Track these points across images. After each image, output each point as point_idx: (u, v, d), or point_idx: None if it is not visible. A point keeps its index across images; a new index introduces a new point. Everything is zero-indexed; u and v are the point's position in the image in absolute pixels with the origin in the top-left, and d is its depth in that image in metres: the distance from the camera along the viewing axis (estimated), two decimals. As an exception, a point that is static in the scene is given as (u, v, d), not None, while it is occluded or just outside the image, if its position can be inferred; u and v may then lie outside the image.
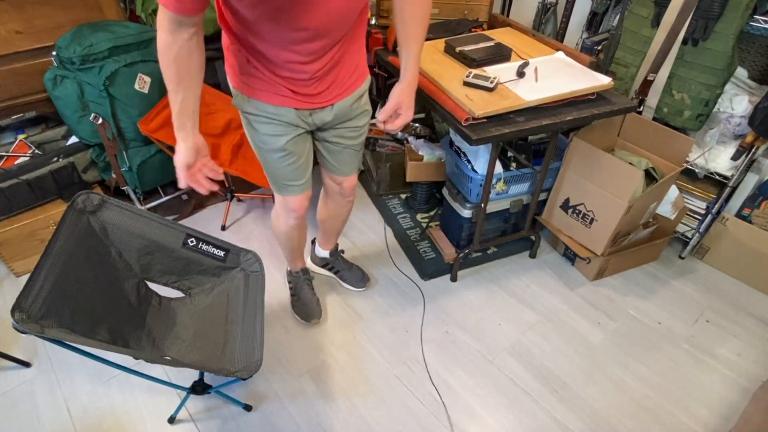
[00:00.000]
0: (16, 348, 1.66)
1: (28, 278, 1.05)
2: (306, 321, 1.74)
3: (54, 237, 1.16)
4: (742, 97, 1.71)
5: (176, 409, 1.48)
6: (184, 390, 1.42)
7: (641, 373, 1.61)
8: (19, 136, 1.88)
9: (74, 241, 1.21)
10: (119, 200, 1.32)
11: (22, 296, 1.02)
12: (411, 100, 1.26)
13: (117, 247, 1.35)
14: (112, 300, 1.31)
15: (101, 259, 1.30)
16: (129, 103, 1.78)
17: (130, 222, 1.34)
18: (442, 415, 1.48)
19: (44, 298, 1.05)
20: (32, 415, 1.47)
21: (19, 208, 1.82)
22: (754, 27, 1.58)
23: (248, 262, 1.45)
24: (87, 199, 1.27)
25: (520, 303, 1.83)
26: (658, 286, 1.92)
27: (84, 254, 1.23)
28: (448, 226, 2.04)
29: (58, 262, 1.13)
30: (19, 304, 1.00)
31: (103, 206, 1.30)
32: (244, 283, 1.43)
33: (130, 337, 1.32)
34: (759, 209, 1.80)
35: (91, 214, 1.29)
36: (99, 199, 1.29)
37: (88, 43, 1.64)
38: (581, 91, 1.48)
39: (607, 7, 2.05)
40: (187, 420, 1.47)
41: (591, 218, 1.80)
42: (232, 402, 1.50)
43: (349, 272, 1.87)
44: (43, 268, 1.09)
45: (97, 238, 1.30)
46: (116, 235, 1.33)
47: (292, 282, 1.79)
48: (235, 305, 1.42)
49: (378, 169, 2.22)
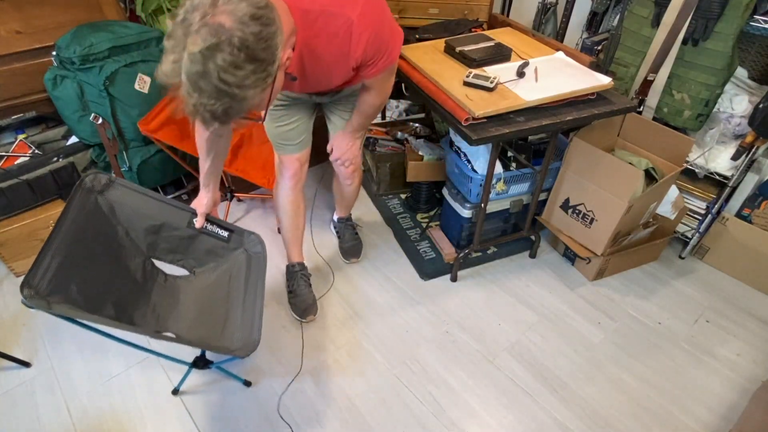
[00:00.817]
0: (16, 348, 1.66)
1: (37, 256, 1.07)
2: (301, 318, 1.74)
3: (62, 215, 1.18)
4: (742, 97, 1.71)
5: (179, 382, 1.54)
6: (186, 365, 1.47)
7: (641, 373, 1.61)
8: (19, 136, 1.88)
9: (82, 219, 1.24)
10: (126, 180, 1.36)
11: (30, 273, 1.04)
12: (343, 145, 1.54)
13: (124, 226, 1.38)
14: (119, 277, 1.35)
15: (108, 237, 1.35)
16: (129, 103, 1.78)
17: (137, 201, 1.37)
18: (442, 415, 1.48)
19: (52, 276, 1.08)
20: (32, 415, 1.47)
21: (19, 208, 1.82)
22: (754, 27, 1.58)
23: (251, 243, 1.47)
24: (95, 178, 1.30)
25: (520, 303, 1.83)
26: (658, 286, 1.92)
27: (92, 232, 1.27)
28: (448, 226, 2.04)
29: (66, 240, 1.16)
30: (28, 281, 1.02)
31: (110, 186, 1.33)
32: (246, 264, 1.46)
33: (136, 313, 1.36)
34: (759, 209, 1.80)
35: (99, 193, 1.32)
36: (107, 178, 1.32)
37: (88, 43, 1.63)
38: (581, 91, 1.48)
39: (607, 7, 2.05)
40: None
41: (591, 218, 1.80)
42: (232, 377, 1.56)
43: (348, 243, 1.98)
44: (51, 246, 1.12)
45: (104, 217, 1.33)
46: (123, 214, 1.37)
47: (289, 277, 1.80)
48: (236, 285, 1.44)
49: (378, 169, 2.22)
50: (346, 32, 1.05)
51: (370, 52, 1.10)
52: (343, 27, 1.04)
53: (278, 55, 0.87)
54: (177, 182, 2.17)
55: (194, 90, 0.80)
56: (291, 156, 1.52)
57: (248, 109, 0.90)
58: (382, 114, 2.56)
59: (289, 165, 1.54)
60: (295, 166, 1.54)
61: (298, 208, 1.65)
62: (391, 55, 1.17)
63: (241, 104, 0.85)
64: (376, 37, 1.08)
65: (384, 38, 1.12)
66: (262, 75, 0.84)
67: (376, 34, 1.08)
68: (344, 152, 1.56)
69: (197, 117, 0.84)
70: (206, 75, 0.78)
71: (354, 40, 1.06)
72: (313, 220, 2.18)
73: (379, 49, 1.12)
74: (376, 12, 1.08)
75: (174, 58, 0.79)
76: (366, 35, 1.06)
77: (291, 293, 1.78)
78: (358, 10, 1.03)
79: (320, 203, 2.27)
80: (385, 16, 1.13)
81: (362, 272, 1.95)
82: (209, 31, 0.77)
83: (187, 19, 0.78)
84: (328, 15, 1.02)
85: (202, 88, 0.80)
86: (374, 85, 1.30)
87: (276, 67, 0.87)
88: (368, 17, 1.05)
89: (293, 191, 1.59)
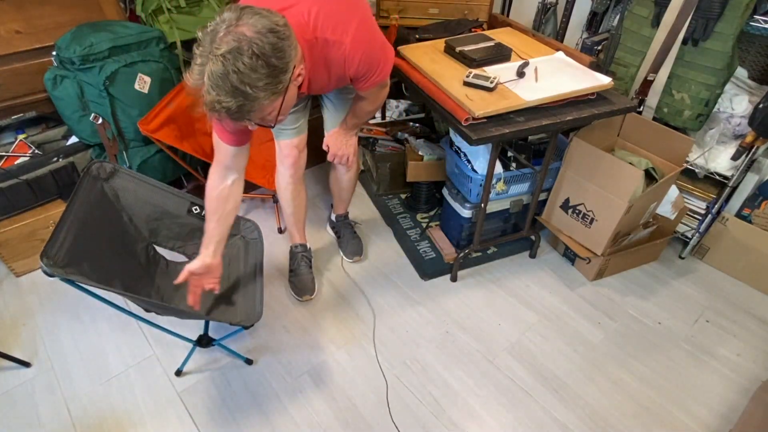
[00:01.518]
0: (16, 348, 1.66)
1: (53, 231, 1.16)
2: (298, 297, 1.81)
3: (71, 200, 1.26)
4: (742, 97, 1.71)
5: (183, 363, 1.58)
6: (190, 342, 1.51)
7: (641, 373, 1.61)
8: (19, 136, 1.88)
9: (89, 204, 1.32)
10: (130, 169, 1.43)
11: (48, 245, 1.11)
12: (339, 143, 1.57)
13: (128, 213, 1.47)
14: (124, 260, 1.44)
15: (114, 222, 1.43)
16: (129, 103, 1.78)
17: (139, 189, 1.46)
18: (442, 415, 1.48)
19: (67, 249, 1.15)
20: (32, 415, 1.47)
21: (19, 208, 1.82)
22: (754, 27, 1.58)
23: (248, 230, 1.57)
24: (100, 167, 1.38)
25: (520, 303, 1.83)
26: (658, 286, 1.92)
27: (98, 217, 1.35)
28: (448, 226, 2.04)
29: (76, 222, 1.23)
30: (46, 252, 1.10)
31: (115, 174, 1.41)
32: (244, 250, 1.55)
33: (141, 293, 1.44)
34: (759, 209, 1.81)
35: (105, 180, 1.40)
36: (111, 167, 1.41)
37: (88, 43, 1.63)
38: (581, 91, 1.48)
39: (607, 7, 2.05)
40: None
41: (591, 218, 1.80)
42: (234, 355, 1.60)
43: (348, 241, 1.99)
44: (66, 223, 1.20)
45: (110, 204, 1.42)
46: (127, 201, 1.45)
47: (291, 257, 1.86)
48: (235, 269, 1.53)
49: (378, 169, 2.22)
50: (341, 56, 1.18)
51: (362, 70, 1.22)
52: (339, 51, 1.17)
53: (291, 67, 0.99)
54: (177, 182, 2.17)
55: (213, 88, 0.91)
56: (289, 141, 1.55)
57: (261, 113, 1.01)
58: (382, 114, 2.56)
59: (288, 152, 1.56)
60: (293, 154, 1.57)
61: (299, 195, 1.70)
62: (382, 72, 1.27)
63: (253, 104, 0.96)
64: (367, 57, 1.20)
65: (375, 58, 1.23)
66: (275, 81, 0.96)
67: (367, 55, 1.20)
68: (340, 148, 1.59)
69: (214, 113, 0.95)
70: (225, 75, 0.90)
71: (348, 62, 1.19)
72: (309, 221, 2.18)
73: (371, 68, 1.23)
74: (367, 35, 1.20)
75: (201, 61, 0.92)
76: (358, 57, 1.18)
77: (292, 272, 1.85)
78: (350, 36, 1.15)
79: (322, 203, 2.28)
80: (375, 37, 1.24)
81: (362, 272, 1.95)
82: (232, 39, 0.90)
83: (215, 29, 0.91)
84: (324, 42, 1.15)
85: (221, 87, 0.91)
86: (368, 96, 1.40)
87: (288, 77, 0.99)
88: (360, 41, 1.17)
89: (293, 179, 1.63)
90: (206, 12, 1.97)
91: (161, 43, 1.80)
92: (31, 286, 1.87)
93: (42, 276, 1.90)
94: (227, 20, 0.92)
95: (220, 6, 1.99)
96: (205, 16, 1.97)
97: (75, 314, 1.75)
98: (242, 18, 0.92)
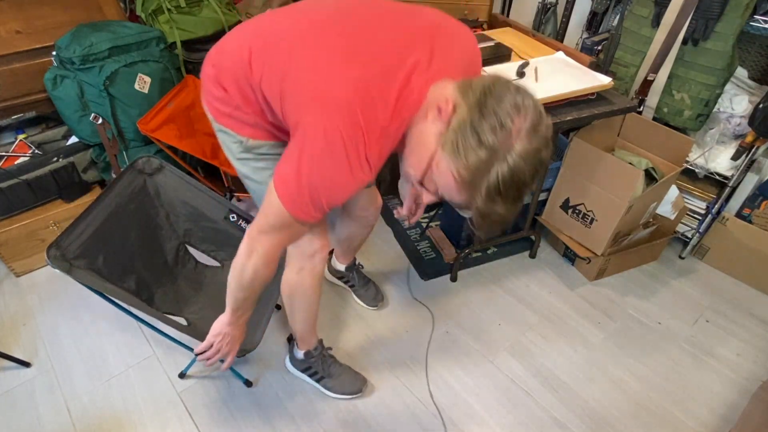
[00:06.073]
0: (16, 348, 1.66)
1: (74, 220, 1.18)
2: (355, 394, 1.51)
3: (107, 189, 1.28)
4: (742, 97, 1.71)
5: (186, 367, 1.57)
6: (190, 350, 1.47)
7: (641, 373, 1.61)
8: (19, 136, 1.88)
9: (126, 196, 1.35)
10: (175, 168, 1.44)
11: (63, 235, 1.11)
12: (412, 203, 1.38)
13: (166, 210, 1.49)
14: (150, 256, 1.45)
15: (149, 217, 1.45)
16: (129, 103, 1.78)
17: (181, 189, 1.47)
18: (442, 415, 1.48)
19: (83, 241, 1.16)
20: (32, 415, 1.47)
21: (19, 208, 1.82)
22: (754, 27, 1.58)
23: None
24: (147, 162, 1.41)
25: (520, 303, 1.83)
26: (658, 286, 1.92)
27: (132, 210, 1.38)
28: (448, 226, 2.04)
29: (103, 213, 1.26)
30: (58, 242, 1.09)
31: (160, 171, 1.43)
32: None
33: (157, 292, 1.45)
34: (759, 209, 1.80)
35: (149, 175, 1.42)
36: (158, 163, 1.42)
37: (88, 43, 1.63)
38: (581, 91, 1.48)
39: (607, 7, 2.05)
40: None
41: (591, 218, 1.80)
42: (234, 374, 1.55)
43: (364, 289, 1.79)
44: (90, 214, 1.21)
45: (149, 198, 1.44)
46: (167, 198, 1.47)
47: (314, 365, 1.48)
48: None
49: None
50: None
51: None
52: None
53: None
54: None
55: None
56: (321, 231, 1.18)
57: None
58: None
59: (324, 242, 1.19)
60: (328, 242, 1.22)
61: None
62: None
63: None
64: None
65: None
66: None
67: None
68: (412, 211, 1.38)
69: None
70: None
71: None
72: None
73: None
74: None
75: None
76: None
77: (324, 379, 1.50)
78: None
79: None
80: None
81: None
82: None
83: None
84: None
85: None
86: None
87: None
88: None
89: (323, 263, 1.23)
90: (206, 12, 1.97)
91: (161, 43, 1.80)
92: (31, 286, 1.87)
93: (42, 276, 1.90)
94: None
95: (220, 6, 1.99)
96: (205, 16, 1.97)
97: (75, 314, 1.75)
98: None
